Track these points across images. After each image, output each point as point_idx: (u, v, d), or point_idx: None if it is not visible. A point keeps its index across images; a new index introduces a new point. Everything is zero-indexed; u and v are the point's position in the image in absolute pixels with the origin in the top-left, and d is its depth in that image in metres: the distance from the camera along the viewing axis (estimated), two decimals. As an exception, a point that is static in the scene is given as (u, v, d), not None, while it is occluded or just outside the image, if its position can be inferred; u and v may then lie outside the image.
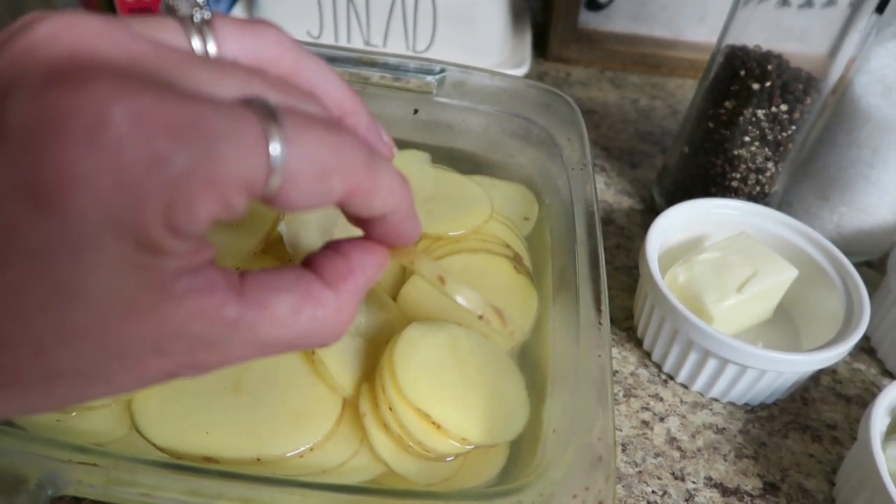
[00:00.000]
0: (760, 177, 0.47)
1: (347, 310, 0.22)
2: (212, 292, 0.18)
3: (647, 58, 0.71)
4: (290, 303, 0.20)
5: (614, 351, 0.43)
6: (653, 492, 0.36)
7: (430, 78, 0.46)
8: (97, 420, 0.29)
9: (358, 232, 0.24)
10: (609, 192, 0.56)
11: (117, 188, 0.15)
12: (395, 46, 0.62)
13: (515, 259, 0.39)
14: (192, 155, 0.16)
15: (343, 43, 0.62)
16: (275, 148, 0.17)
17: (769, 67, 0.43)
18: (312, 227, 0.36)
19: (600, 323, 0.32)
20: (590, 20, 0.72)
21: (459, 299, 0.25)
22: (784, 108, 0.44)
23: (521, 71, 0.63)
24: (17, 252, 0.16)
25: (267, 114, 0.17)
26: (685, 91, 0.70)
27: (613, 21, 0.72)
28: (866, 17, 0.41)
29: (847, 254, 0.43)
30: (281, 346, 0.20)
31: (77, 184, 0.15)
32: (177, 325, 0.18)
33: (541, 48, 0.71)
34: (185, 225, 0.16)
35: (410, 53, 0.62)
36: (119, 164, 0.15)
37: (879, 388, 0.42)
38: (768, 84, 0.43)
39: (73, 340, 0.17)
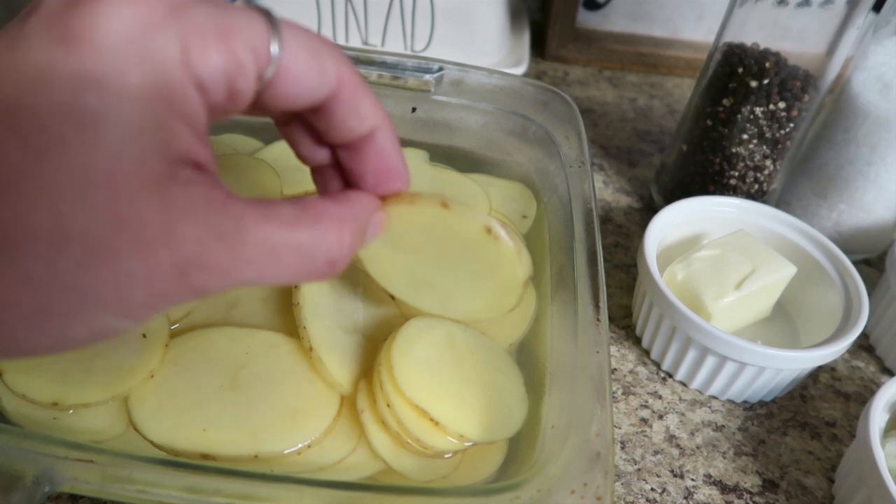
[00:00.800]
0: (759, 174, 0.47)
1: (347, 238, 0.22)
2: (216, 187, 0.19)
3: (645, 57, 0.71)
4: (292, 209, 0.21)
5: (613, 349, 0.43)
6: (652, 489, 0.35)
7: (427, 76, 0.46)
8: (94, 417, 0.29)
9: None
10: (607, 190, 0.56)
11: (143, 28, 0.18)
12: (394, 46, 0.62)
13: (514, 257, 0.39)
14: (208, 8, 0.19)
15: (341, 42, 0.62)
16: (275, 47, 0.20)
17: (767, 65, 0.43)
18: None
19: (598, 320, 0.32)
20: (588, 19, 0.72)
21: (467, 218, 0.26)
22: (782, 105, 0.44)
23: (520, 70, 0.63)
24: (45, 85, 0.17)
25: (272, 20, 0.20)
26: (683, 90, 0.70)
27: (611, 20, 0.72)
28: (863, 15, 0.41)
29: (846, 251, 0.43)
30: (286, 254, 0.20)
31: (107, 25, 0.17)
32: (184, 206, 0.18)
33: (539, 48, 0.71)
34: (200, 66, 0.19)
35: (409, 53, 0.62)
36: (146, 12, 0.18)
37: (878, 386, 0.42)
38: (766, 81, 0.43)
39: (88, 188, 0.17)
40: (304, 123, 0.26)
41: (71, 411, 0.29)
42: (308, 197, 0.22)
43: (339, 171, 0.27)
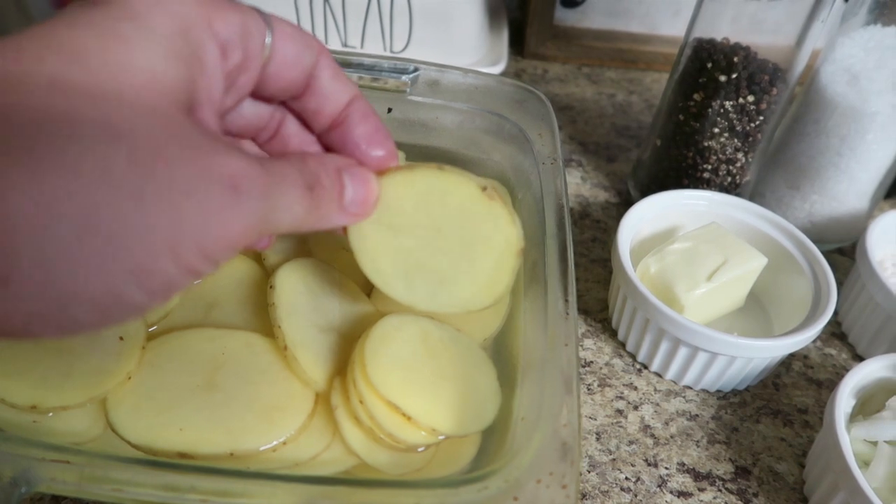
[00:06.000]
0: (731, 167, 0.48)
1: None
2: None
3: (623, 53, 0.72)
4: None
5: (589, 341, 0.43)
6: (626, 478, 0.36)
7: (404, 77, 0.46)
8: (73, 420, 0.30)
9: None
10: (585, 185, 0.56)
11: None
12: (373, 47, 0.62)
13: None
14: None
15: (320, 44, 0.62)
16: (266, 24, 0.24)
17: (735, 60, 0.44)
18: None
19: (567, 314, 0.32)
20: (566, 17, 0.72)
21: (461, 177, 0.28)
22: (751, 99, 0.45)
23: (499, 69, 0.63)
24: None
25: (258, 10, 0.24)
26: (661, 85, 0.71)
27: (589, 17, 0.72)
28: (831, 4, 0.42)
29: (819, 241, 0.44)
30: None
31: None
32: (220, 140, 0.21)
33: (518, 46, 0.72)
34: (220, 27, 0.22)
35: (388, 54, 0.63)
36: None
37: (850, 372, 0.43)
38: (734, 76, 0.44)
39: (129, 94, 0.18)
40: (294, 115, 0.29)
41: (50, 414, 0.30)
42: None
43: None
